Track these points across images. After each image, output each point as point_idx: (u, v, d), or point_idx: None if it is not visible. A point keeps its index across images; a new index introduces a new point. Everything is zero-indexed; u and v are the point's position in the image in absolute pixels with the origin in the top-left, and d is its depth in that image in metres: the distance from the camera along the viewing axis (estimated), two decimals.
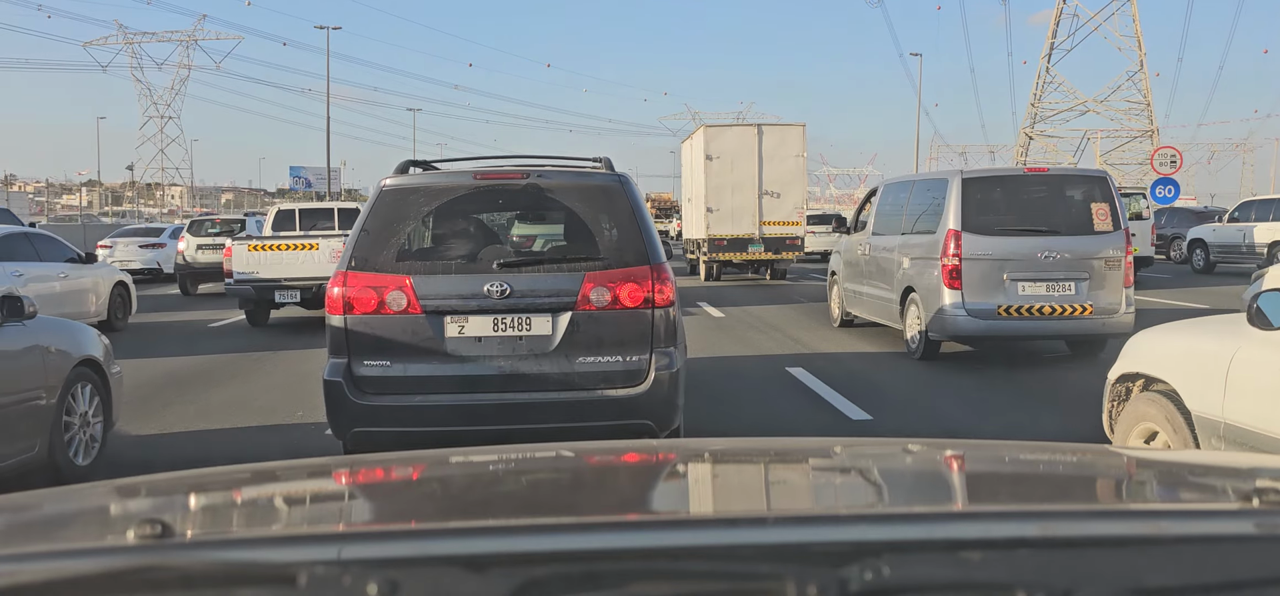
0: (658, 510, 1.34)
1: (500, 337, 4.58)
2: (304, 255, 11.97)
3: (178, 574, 0.90)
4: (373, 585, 0.85)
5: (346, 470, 1.58)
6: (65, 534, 1.18)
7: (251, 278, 11.90)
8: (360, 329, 4.56)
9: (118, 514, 1.25)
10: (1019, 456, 1.59)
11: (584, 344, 4.59)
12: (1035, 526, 1.01)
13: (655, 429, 4.63)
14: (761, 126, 18.33)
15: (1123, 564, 0.92)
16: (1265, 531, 0.95)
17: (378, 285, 4.56)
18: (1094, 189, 8.47)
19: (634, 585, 0.90)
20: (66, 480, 4.93)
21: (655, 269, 4.66)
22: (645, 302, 4.60)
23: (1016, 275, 8.09)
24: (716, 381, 7.83)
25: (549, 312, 4.60)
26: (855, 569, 0.87)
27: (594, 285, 4.60)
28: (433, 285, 4.58)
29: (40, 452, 4.89)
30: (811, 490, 1.47)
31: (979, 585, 0.89)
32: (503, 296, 4.57)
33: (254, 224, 23.52)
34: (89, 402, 5.39)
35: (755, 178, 17.75)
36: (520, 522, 1.09)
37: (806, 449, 1.82)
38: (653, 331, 4.62)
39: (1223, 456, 2.55)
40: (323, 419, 4.86)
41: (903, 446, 1.68)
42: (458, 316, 4.57)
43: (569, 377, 4.58)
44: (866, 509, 1.28)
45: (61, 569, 0.92)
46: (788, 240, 17.93)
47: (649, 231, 4.76)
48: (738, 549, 0.94)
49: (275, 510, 1.36)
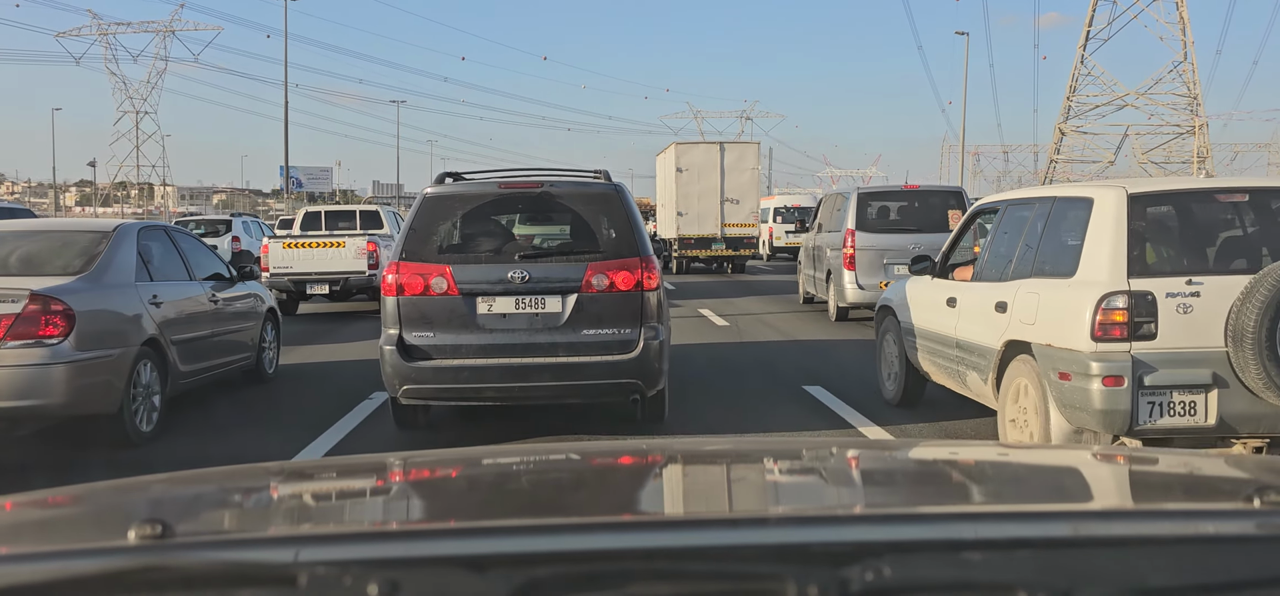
0: (659, 510, 1.41)
1: (521, 314, 6.01)
2: (332, 252, 14.18)
3: (179, 574, 0.96)
4: (373, 585, 0.91)
5: (347, 470, 1.65)
6: (66, 534, 1.25)
7: (287, 271, 14.08)
8: (409, 308, 5.98)
9: (118, 514, 1.32)
10: (1020, 456, 1.66)
11: (587, 319, 6.00)
12: (1036, 527, 1.07)
13: (644, 388, 6.02)
14: (723, 144, 23.21)
15: (1123, 564, 0.98)
16: (1266, 531, 1.01)
17: (424, 272, 5.98)
18: (950, 199, 12.75)
19: (635, 585, 0.96)
20: (263, 381, 8.43)
21: (644, 260, 6.09)
22: (636, 286, 6.03)
23: (892, 261, 11.93)
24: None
25: (559, 294, 6.00)
26: (856, 569, 0.93)
27: (595, 272, 6.02)
28: (467, 272, 6.01)
29: (251, 361, 8.20)
30: (812, 490, 1.53)
31: (980, 585, 0.95)
32: (523, 281, 5.98)
33: (241, 225, 23.83)
34: (275, 336, 8.86)
35: (718, 187, 22.46)
36: (521, 523, 1.15)
37: (807, 449, 1.88)
38: (643, 310, 6.04)
39: (1224, 456, 2.65)
40: None
41: (904, 446, 1.74)
42: (487, 297, 5.99)
43: (574, 345, 5.98)
44: (867, 509, 1.34)
45: (62, 569, 0.98)
46: (745, 239, 22.78)
47: (640, 230, 6.21)
48: (739, 549, 1.00)
49: (276, 510, 1.43)
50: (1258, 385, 4.51)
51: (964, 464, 1.59)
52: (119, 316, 6.14)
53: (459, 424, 6.85)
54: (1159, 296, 4.65)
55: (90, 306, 5.83)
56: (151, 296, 6.49)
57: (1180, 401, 4.66)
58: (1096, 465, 1.60)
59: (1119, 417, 4.62)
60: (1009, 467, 1.58)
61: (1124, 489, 1.47)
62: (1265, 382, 4.46)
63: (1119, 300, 4.66)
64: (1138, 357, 4.62)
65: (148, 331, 6.30)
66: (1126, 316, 4.65)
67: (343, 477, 1.59)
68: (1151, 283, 4.68)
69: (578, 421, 6.69)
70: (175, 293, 6.94)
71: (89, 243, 6.40)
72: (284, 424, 6.98)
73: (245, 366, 8.12)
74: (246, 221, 25.43)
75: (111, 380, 5.84)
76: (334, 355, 10.30)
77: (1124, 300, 4.65)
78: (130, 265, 6.46)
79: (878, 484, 1.53)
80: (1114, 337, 4.67)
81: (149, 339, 6.29)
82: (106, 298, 6.10)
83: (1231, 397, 4.62)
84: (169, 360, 6.54)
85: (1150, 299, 4.64)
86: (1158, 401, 4.66)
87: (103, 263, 6.20)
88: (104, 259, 6.23)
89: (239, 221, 24.72)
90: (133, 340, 6.12)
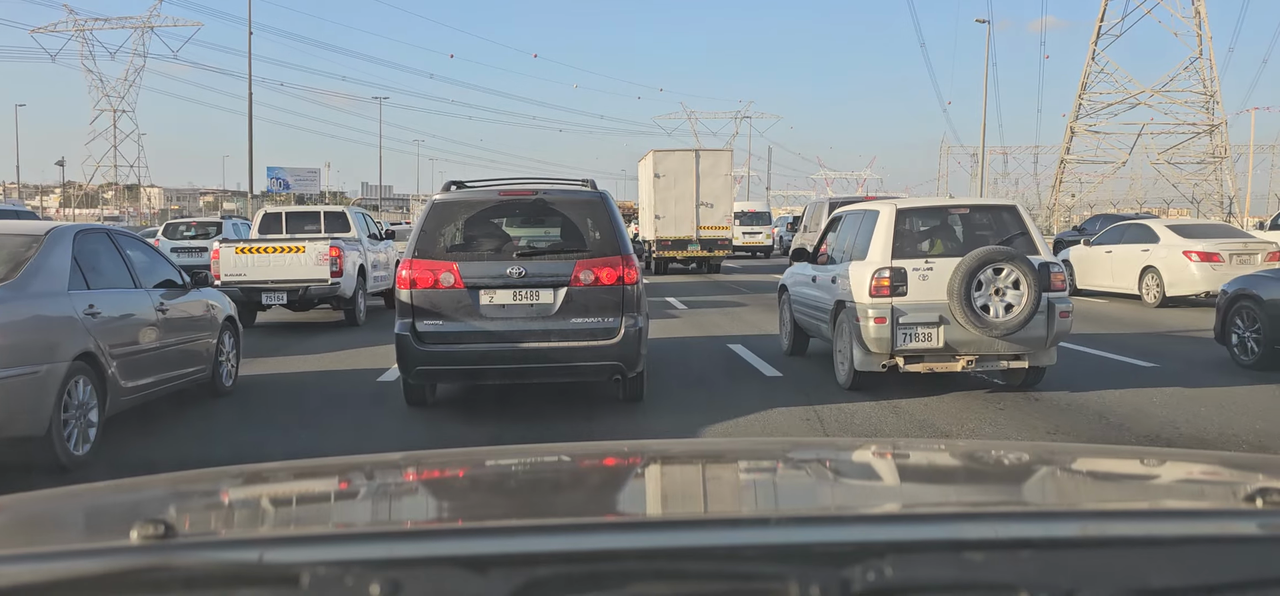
0: (660, 511, 1.44)
1: (518, 304, 7.11)
2: (290, 258, 13.17)
3: (180, 574, 0.99)
4: (375, 585, 0.94)
5: (348, 470, 1.69)
6: (68, 534, 1.29)
7: (239, 278, 12.98)
8: (421, 299, 7.06)
9: (120, 514, 1.36)
10: (1021, 457, 1.70)
11: (575, 309, 7.08)
12: (1038, 526, 1.10)
13: (625, 369, 7.16)
14: (698, 151, 25.56)
15: (1125, 564, 1.01)
16: (1268, 531, 1.05)
17: (433, 268, 7.07)
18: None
19: (636, 585, 0.99)
20: (220, 395, 8.16)
21: (625, 258, 7.20)
22: (618, 281, 7.12)
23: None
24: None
25: (551, 287, 7.11)
26: (858, 569, 0.96)
27: (582, 268, 7.13)
28: (471, 268, 7.10)
29: (207, 374, 7.97)
30: (814, 490, 1.57)
31: (982, 585, 0.98)
32: (520, 276, 7.09)
33: (231, 227, 23.94)
34: (233, 345, 8.60)
35: (693, 192, 24.59)
36: (522, 523, 1.19)
37: (808, 449, 1.92)
38: (624, 301, 7.12)
39: (1225, 456, 2.75)
40: None
41: (905, 446, 1.78)
42: (489, 290, 7.08)
43: (564, 332, 7.06)
44: (869, 509, 1.38)
45: (64, 569, 1.01)
46: (719, 241, 24.81)
47: (621, 232, 7.36)
48: (740, 549, 1.03)
49: (277, 510, 1.47)
50: (962, 322, 7.63)
51: (966, 464, 1.63)
52: (47, 328, 5.83)
53: (461, 414, 7.69)
54: (908, 270, 7.81)
55: (12, 318, 5.55)
56: (87, 306, 6.18)
57: (921, 332, 7.75)
58: (1098, 465, 1.64)
59: (886, 343, 7.73)
60: (1010, 467, 1.62)
61: (1126, 489, 1.51)
62: (966, 321, 7.59)
63: (885, 273, 7.79)
64: (896, 307, 7.73)
65: (82, 344, 5.98)
66: (889, 282, 7.76)
67: (344, 477, 1.63)
68: (905, 262, 7.85)
69: (568, 400, 7.74)
70: (117, 302, 6.64)
71: (17, 248, 6.03)
72: (239, 442, 6.88)
73: (200, 379, 7.86)
74: (237, 222, 25.66)
75: (38, 399, 5.53)
76: (295, 366, 10.18)
77: (888, 273, 7.78)
78: (63, 272, 6.15)
79: (879, 484, 1.57)
80: (883, 294, 7.76)
81: (84, 353, 5.99)
82: (33, 307, 5.79)
83: (951, 330, 7.70)
84: (108, 375, 6.23)
85: (903, 272, 7.81)
86: (908, 332, 7.74)
87: (30, 270, 5.88)
88: (32, 266, 5.90)
89: (230, 223, 25.00)
90: (64, 354, 5.80)
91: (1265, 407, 7.67)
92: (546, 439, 6.67)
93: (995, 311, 7.58)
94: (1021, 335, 7.60)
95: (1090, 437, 6.76)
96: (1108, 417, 7.23)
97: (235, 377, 8.60)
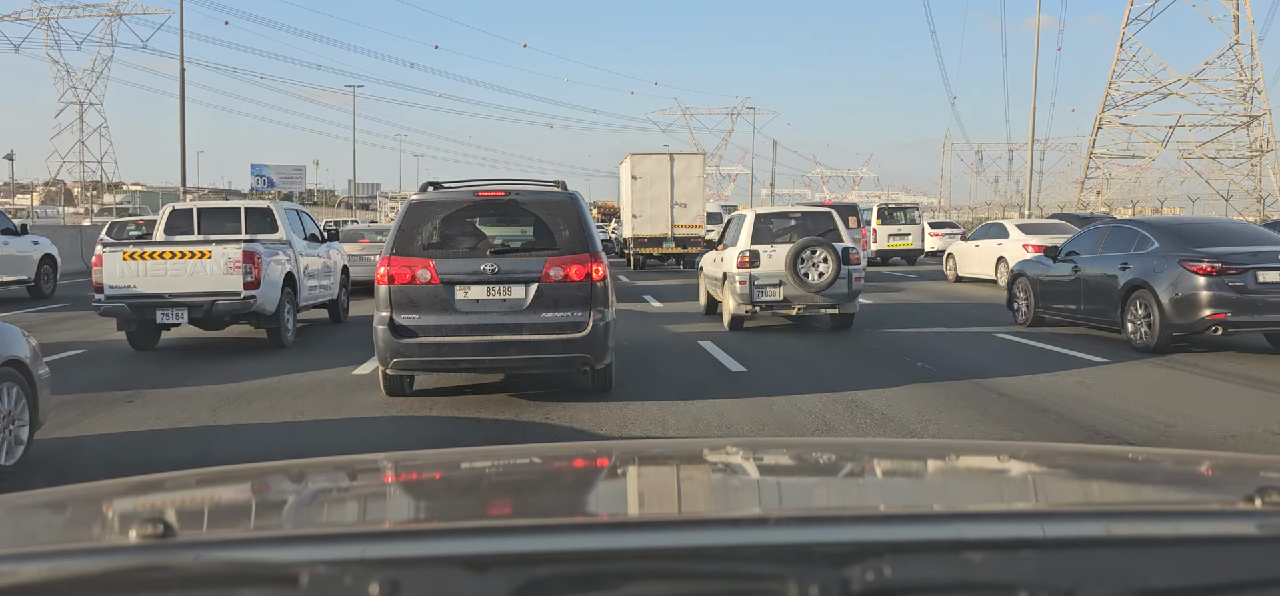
0: (659, 510, 1.50)
1: (491, 299, 7.87)
2: (193, 264, 11.18)
3: (179, 574, 1.04)
4: (374, 585, 0.99)
5: (348, 470, 1.75)
6: (67, 533, 1.34)
7: (127, 293, 11.10)
8: (398, 294, 7.77)
9: (119, 513, 1.41)
10: (1021, 457, 1.75)
11: (546, 304, 7.84)
12: (1038, 527, 1.15)
13: (593, 361, 7.92)
14: (673, 155, 28.19)
15: (1125, 564, 1.06)
16: (1268, 532, 1.10)
17: (411, 264, 7.80)
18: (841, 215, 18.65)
19: (635, 585, 1.04)
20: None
21: (593, 255, 7.97)
22: (587, 277, 7.88)
23: None
24: None
25: (523, 283, 7.87)
26: (857, 569, 1.01)
27: (553, 265, 7.87)
28: (447, 265, 7.83)
29: None
30: (813, 490, 1.63)
31: (981, 586, 1.03)
32: (493, 273, 7.84)
33: None
34: (15, 403, 6.01)
35: (668, 193, 27.47)
36: (522, 523, 1.24)
37: (808, 449, 1.98)
38: (592, 296, 7.89)
39: (1225, 457, 2.83)
40: None
41: (905, 446, 1.84)
42: (463, 285, 7.83)
43: (535, 325, 7.83)
44: (868, 509, 1.43)
45: (63, 568, 1.06)
46: (692, 239, 27.32)
47: (590, 231, 8.11)
48: (739, 549, 1.08)
49: (277, 510, 1.52)
50: (793, 284, 12.74)
51: (965, 464, 1.68)
52: None
53: (446, 408, 8.26)
54: (761, 252, 12.98)
55: None
56: None
57: (769, 290, 12.90)
58: (1098, 465, 1.69)
59: (746, 297, 12.97)
60: (1011, 467, 1.67)
61: (1126, 489, 1.56)
62: (795, 283, 12.72)
63: (746, 253, 12.97)
64: (752, 275, 12.93)
65: None
66: (748, 259, 12.95)
67: (343, 477, 1.69)
68: (759, 247, 13.02)
69: (541, 391, 8.59)
70: None
71: None
72: None
73: None
74: None
75: None
76: (164, 416, 7.86)
77: (748, 254, 12.97)
78: None
79: (879, 484, 1.62)
80: (745, 267, 12.95)
81: None
82: None
83: (787, 289, 12.83)
84: None
85: (757, 253, 12.97)
86: (761, 290, 12.89)
87: None
88: None
89: None
90: None
91: (1011, 347, 11.84)
92: (515, 426, 7.45)
93: (812, 277, 12.70)
94: (830, 292, 12.76)
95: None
96: (916, 356, 10.90)
97: (26, 447, 6.08)
